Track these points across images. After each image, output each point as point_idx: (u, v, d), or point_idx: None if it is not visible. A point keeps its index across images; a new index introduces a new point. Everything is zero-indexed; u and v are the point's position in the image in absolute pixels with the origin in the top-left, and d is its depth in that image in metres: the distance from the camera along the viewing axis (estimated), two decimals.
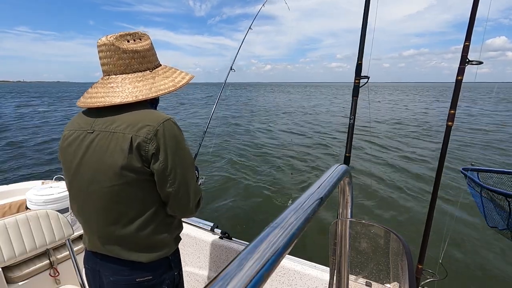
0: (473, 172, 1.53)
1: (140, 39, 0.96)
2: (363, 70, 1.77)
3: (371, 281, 0.64)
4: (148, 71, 0.96)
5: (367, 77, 1.76)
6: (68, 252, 1.69)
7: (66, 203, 1.88)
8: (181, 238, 1.08)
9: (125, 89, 0.90)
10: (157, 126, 0.85)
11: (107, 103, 0.88)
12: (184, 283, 1.17)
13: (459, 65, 1.54)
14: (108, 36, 0.90)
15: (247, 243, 0.54)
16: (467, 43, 1.52)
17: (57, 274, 1.78)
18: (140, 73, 0.95)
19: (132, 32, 0.95)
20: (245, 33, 1.91)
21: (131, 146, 0.83)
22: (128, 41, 0.92)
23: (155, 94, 0.92)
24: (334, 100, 32.60)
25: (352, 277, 0.69)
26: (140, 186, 0.87)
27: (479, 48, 1.66)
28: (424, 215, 1.75)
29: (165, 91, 0.94)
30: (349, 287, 0.69)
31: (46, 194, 1.83)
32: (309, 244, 3.42)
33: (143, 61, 0.95)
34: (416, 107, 23.13)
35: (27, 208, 1.90)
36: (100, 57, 0.92)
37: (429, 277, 1.71)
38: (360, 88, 1.79)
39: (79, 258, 1.75)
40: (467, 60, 1.52)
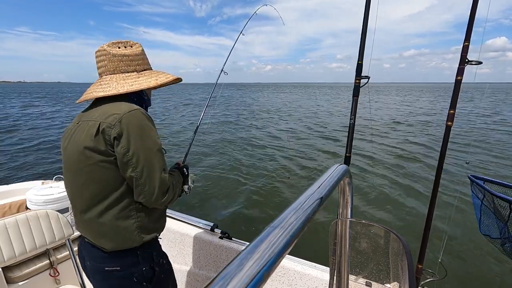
0: (480, 180, 1.55)
1: (131, 46, 1.09)
2: (363, 70, 1.77)
3: (371, 281, 0.64)
4: (135, 73, 1.08)
5: (368, 77, 1.76)
6: (68, 252, 1.69)
7: (66, 203, 1.88)
8: (157, 234, 1.09)
9: (110, 85, 1.03)
10: (123, 114, 0.94)
11: (92, 97, 1.01)
12: (176, 280, 1.20)
13: (458, 65, 1.54)
14: (104, 44, 1.06)
15: (247, 243, 0.54)
16: (466, 43, 1.52)
17: (57, 274, 1.78)
18: (127, 73, 1.07)
19: (124, 41, 1.09)
20: (236, 37, 1.90)
21: (98, 131, 0.93)
22: (119, 48, 1.06)
23: (136, 88, 1.02)
24: (334, 100, 32.63)
25: (352, 277, 0.69)
26: (105, 167, 0.94)
27: (479, 49, 1.66)
28: (424, 215, 1.75)
29: (146, 86, 1.04)
30: (349, 287, 0.69)
31: (46, 194, 1.83)
32: (309, 244, 3.43)
33: (130, 63, 1.07)
34: (417, 107, 23.13)
35: (27, 208, 1.90)
36: (96, 62, 1.07)
37: (429, 276, 1.71)
38: (361, 88, 1.79)
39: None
40: (466, 60, 1.52)
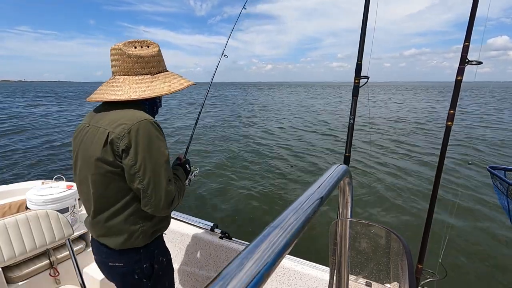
0: (500, 171, 1.52)
1: (148, 47, 1.06)
2: (363, 69, 1.77)
3: (371, 281, 0.64)
4: (149, 75, 1.05)
5: (367, 77, 1.76)
6: (68, 252, 1.69)
7: (66, 203, 1.88)
8: (161, 235, 1.15)
9: (122, 88, 1.00)
10: (131, 124, 0.93)
11: (103, 99, 1.00)
12: (175, 278, 1.24)
13: (458, 65, 1.54)
14: (120, 42, 1.03)
15: (247, 243, 0.54)
16: (466, 43, 1.52)
17: (57, 274, 1.78)
18: (141, 76, 1.04)
19: (141, 40, 1.06)
20: (227, 40, 1.86)
21: (106, 141, 0.94)
22: (135, 47, 1.03)
23: (148, 95, 1.00)
24: (334, 99, 32.63)
25: (352, 277, 0.69)
26: (113, 178, 0.97)
27: (479, 48, 1.66)
28: (424, 214, 1.75)
29: (158, 93, 1.02)
30: (349, 287, 0.69)
31: (46, 194, 1.83)
32: (309, 244, 3.42)
33: (146, 66, 1.04)
34: (417, 106, 23.13)
35: (27, 208, 1.90)
36: (111, 60, 1.04)
37: (429, 276, 1.71)
38: (360, 88, 1.79)
39: (79, 258, 1.75)
40: (466, 60, 1.52)
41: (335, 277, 0.70)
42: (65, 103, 26.77)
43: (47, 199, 1.81)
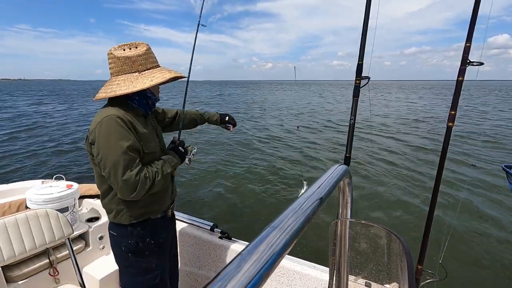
0: None
1: (136, 47, 1.17)
2: (364, 69, 1.76)
3: (370, 282, 0.64)
4: (137, 73, 1.16)
5: (368, 78, 1.75)
6: (67, 252, 1.69)
7: (66, 203, 1.88)
8: (155, 219, 1.28)
9: (110, 87, 1.14)
10: (98, 121, 1.09)
11: (96, 98, 1.16)
12: (177, 276, 1.37)
13: (460, 66, 1.53)
14: (116, 45, 1.18)
15: (246, 243, 0.54)
16: (468, 44, 1.52)
17: (56, 273, 1.78)
18: (129, 74, 1.16)
19: (130, 43, 1.18)
20: (200, 11, 1.63)
21: (87, 136, 1.13)
22: (124, 50, 1.16)
23: (125, 92, 1.11)
24: (332, 100, 32.61)
25: (351, 277, 0.69)
26: (96, 166, 1.16)
27: (481, 46, 1.66)
28: (424, 215, 1.75)
29: (139, 88, 1.12)
30: (349, 287, 0.69)
31: (46, 194, 1.83)
32: (308, 244, 3.42)
33: (133, 65, 1.16)
34: (417, 106, 23.10)
35: (27, 208, 1.90)
36: (108, 63, 1.19)
37: (428, 277, 1.71)
38: (361, 88, 1.78)
39: (79, 258, 1.75)
40: (468, 61, 1.51)
41: (334, 277, 0.70)
42: (68, 101, 26.71)
43: (47, 199, 1.80)
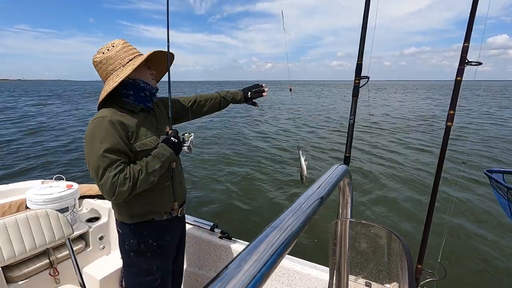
0: (498, 174, 1.49)
1: (113, 46, 1.17)
2: (363, 69, 1.76)
3: (370, 281, 0.64)
4: (121, 67, 1.17)
5: (367, 77, 1.76)
6: (68, 252, 1.69)
7: (66, 203, 1.88)
8: (157, 220, 1.25)
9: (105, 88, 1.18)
10: (89, 123, 1.12)
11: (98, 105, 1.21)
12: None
13: (458, 66, 1.54)
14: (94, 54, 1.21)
15: (246, 243, 0.54)
16: (466, 44, 1.52)
17: (56, 273, 1.78)
18: (115, 72, 1.17)
19: (106, 44, 1.18)
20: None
21: None
22: (103, 53, 1.17)
23: (108, 91, 1.13)
24: (332, 99, 32.59)
25: (351, 277, 0.69)
26: None
27: (479, 47, 1.66)
28: (424, 214, 1.75)
29: (117, 82, 1.13)
30: (349, 287, 0.69)
31: (46, 194, 1.83)
32: (309, 244, 3.43)
33: (115, 62, 1.16)
34: (417, 105, 23.09)
35: (27, 208, 1.90)
36: (97, 72, 1.23)
37: (428, 277, 1.71)
38: (360, 88, 1.78)
39: (79, 258, 1.75)
40: (466, 61, 1.52)
41: (335, 277, 0.70)
42: (70, 102, 26.52)
43: (47, 199, 1.80)
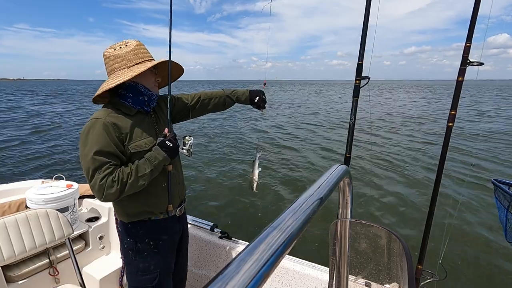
0: (504, 185, 1.48)
1: (126, 45, 1.17)
2: (364, 68, 1.75)
3: (370, 282, 0.64)
4: (126, 68, 1.16)
5: (368, 78, 1.75)
6: (67, 251, 1.69)
7: (66, 202, 1.88)
8: (154, 220, 1.25)
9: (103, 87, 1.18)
10: (84, 125, 1.12)
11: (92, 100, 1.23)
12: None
13: (460, 66, 1.53)
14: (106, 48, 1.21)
15: (246, 243, 0.54)
16: (468, 44, 1.51)
17: (56, 273, 1.78)
18: (120, 71, 1.16)
19: (121, 42, 1.19)
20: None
21: None
22: (115, 49, 1.17)
23: (103, 89, 1.13)
24: (331, 99, 32.57)
25: (351, 277, 0.69)
26: None
27: (480, 46, 1.65)
28: (424, 215, 1.75)
29: (114, 84, 1.12)
30: (349, 287, 0.69)
31: (46, 193, 1.83)
32: (309, 244, 3.42)
33: (122, 61, 1.16)
34: (417, 106, 23.06)
35: (26, 207, 1.90)
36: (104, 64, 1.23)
37: (428, 277, 1.71)
38: (361, 88, 1.77)
39: (79, 257, 1.75)
40: (468, 61, 1.51)
41: (334, 277, 0.70)
42: (70, 102, 26.47)
43: (47, 198, 1.80)
